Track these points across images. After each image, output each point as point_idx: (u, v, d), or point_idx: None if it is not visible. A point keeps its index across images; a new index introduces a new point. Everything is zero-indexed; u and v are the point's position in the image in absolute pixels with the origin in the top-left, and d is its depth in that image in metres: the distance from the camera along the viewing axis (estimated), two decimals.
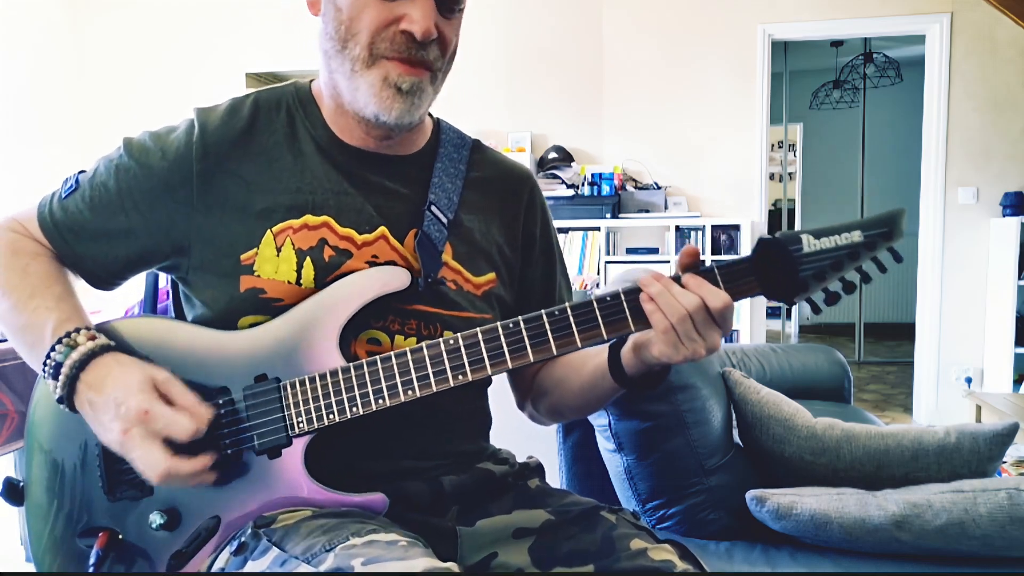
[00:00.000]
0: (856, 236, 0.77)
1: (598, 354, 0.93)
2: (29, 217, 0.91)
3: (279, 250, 0.85)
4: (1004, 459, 1.98)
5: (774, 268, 0.79)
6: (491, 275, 0.96)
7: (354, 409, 0.80)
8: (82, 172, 0.91)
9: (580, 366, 0.97)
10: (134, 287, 1.08)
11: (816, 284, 0.78)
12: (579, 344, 0.80)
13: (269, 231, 0.85)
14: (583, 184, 4.14)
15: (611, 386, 0.91)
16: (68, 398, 0.79)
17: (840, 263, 0.77)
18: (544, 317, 0.80)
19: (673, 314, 0.77)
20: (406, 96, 0.84)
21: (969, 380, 4.07)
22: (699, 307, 0.77)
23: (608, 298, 0.79)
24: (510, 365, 0.80)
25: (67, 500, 0.86)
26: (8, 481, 0.91)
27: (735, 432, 1.47)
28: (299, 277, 0.85)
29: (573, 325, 0.79)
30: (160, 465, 0.75)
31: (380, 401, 0.80)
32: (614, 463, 1.37)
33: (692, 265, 0.81)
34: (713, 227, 4.06)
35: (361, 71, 0.83)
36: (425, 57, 0.84)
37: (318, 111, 0.92)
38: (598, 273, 4.08)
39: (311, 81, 0.95)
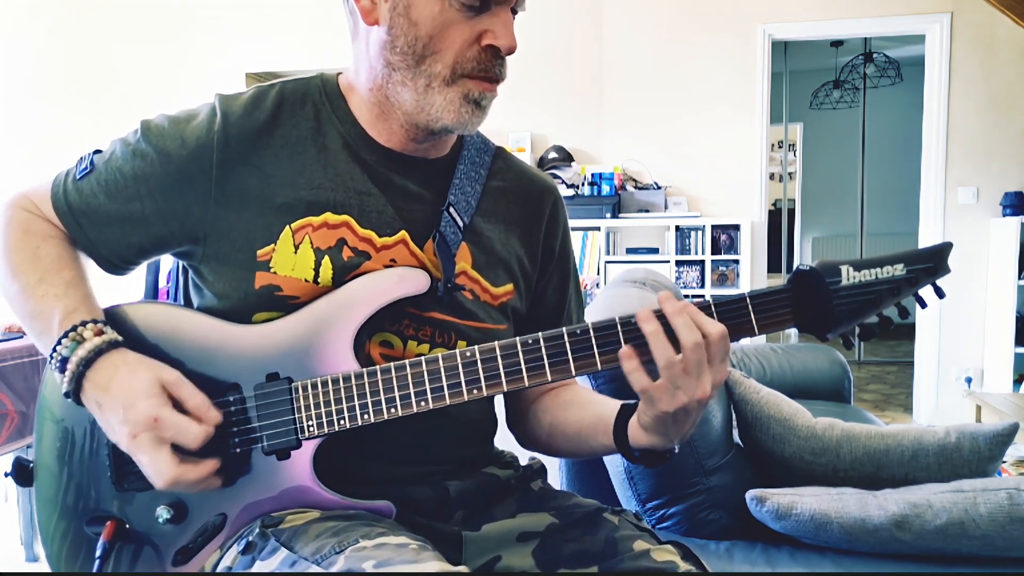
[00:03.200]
0: (899, 270, 0.74)
1: (605, 404, 0.90)
2: (42, 196, 0.88)
3: (297, 247, 0.83)
4: (1004, 459, 1.98)
5: (809, 300, 0.75)
6: (509, 286, 0.94)
7: (365, 417, 0.79)
8: (97, 152, 0.89)
9: (581, 410, 0.93)
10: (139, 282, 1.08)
11: (852, 319, 0.75)
12: (599, 367, 0.76)
13: (288, 227, 0.84)
14: (583, 184, 4.14)
15: (609, 446, 0.87)
16: (75, 394, 0.78)
17: (879, 298, 0.74)
18: (565, 336, 0.77)
19: (661, 357, 0.72)
20: (483, 110, 0.84)
21: (969, 380, 4.07)
22: (696, 340, 0.72)
23: (633, 319, 0.76)
24: (527, 383, 0.77)
25: (77, 471, 0.86)
26: (18, 460, 0.90)
27: (735, 432, 1.47)
28: (317, 275, 0.83)
29: (595, 346, 0.76)
30: (167, 472, 0.74)
31: (392, 410, 0.79)
32: (614, 463, 1.37)
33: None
34: (713, 227, 4.06)
35: (439, 88, 0.81)
36: (502, 73, 0.84)
37: (346, 106, 0.89)
38: (598, 273, 4.08)
39: (338, 75, 0.92)
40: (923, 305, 0.77)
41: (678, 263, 4.08)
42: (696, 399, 0.73)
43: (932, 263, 0.75)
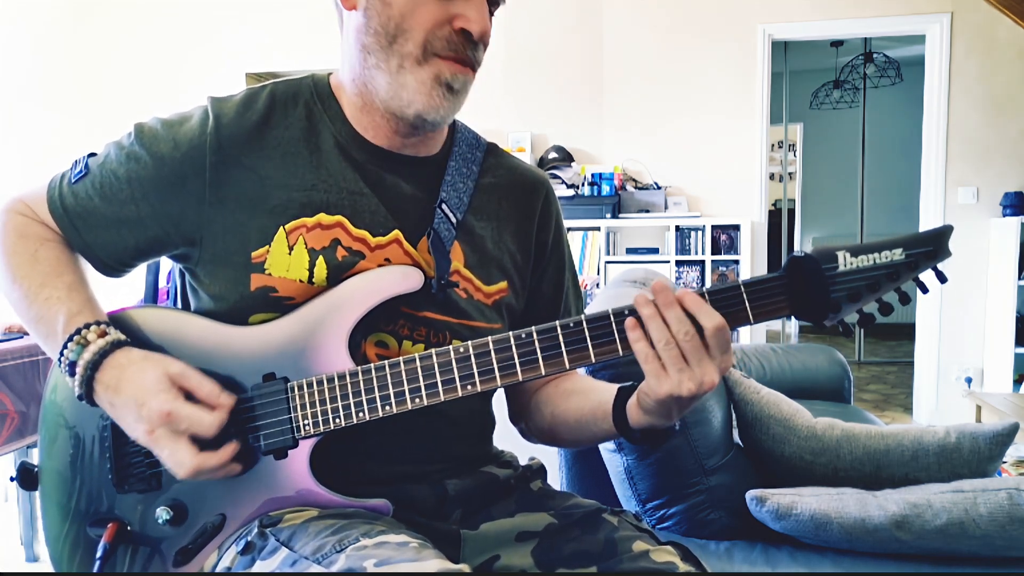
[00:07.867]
0: (897, 254, 0.73)
1: (605, 390, 0.90)
2: (37, 199, 0.89)
3: (291, 248, 0.84)
4: (1004, 459, 1.98)
5: (805, 286, 0.73)
6: (502, 283, 0.94)
7: (360, 415, 0.79)
8: (92, 155, 0.89)
9: (582, 399, 0.93)
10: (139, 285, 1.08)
11: (850, 305, 0.74)
12: (593, 360, 0.76)
13: (282, 228, 0.84)
14: (583, 184, 4.14)
15: (610, 430, 0.86)
16: (87, 396, 0.79)
17: (878, 284, 0.73)
18: (558, 329, 0.76)
19: (659, 338, 0.72)
20: (455, 95, 0.83)
21: (969, 380, 4.07)
22: (687, 331, 0.71)
23: (627, 311, 0.75)
24: (520, 377, 0.77)
25: (87, 476, 0.87)
26: (23, 465, 0.91)
27: (735, 432, 1.47)
28: (311, 276, 0.84)
29: (588, 339, 0.76)
30: (188, 463, 0.75)
31: (387, 408, 0.79)
32: (614, 463, 1.36)
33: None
34: (713, 227, 4.06)
35: (411, 68, 0.81)
36: (475, 56, 0.83)
37: (338, 106, 0.90)
38: (598, 273, 4.08)
39: (329, 75, 0.93)
40: (924, 290, 0.76)
41: (678, 263, 4.08)
42: (705, 386, 0.72)
43: (932, 247, 0.73)
